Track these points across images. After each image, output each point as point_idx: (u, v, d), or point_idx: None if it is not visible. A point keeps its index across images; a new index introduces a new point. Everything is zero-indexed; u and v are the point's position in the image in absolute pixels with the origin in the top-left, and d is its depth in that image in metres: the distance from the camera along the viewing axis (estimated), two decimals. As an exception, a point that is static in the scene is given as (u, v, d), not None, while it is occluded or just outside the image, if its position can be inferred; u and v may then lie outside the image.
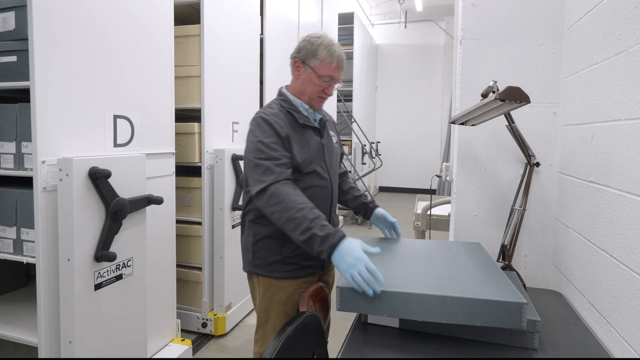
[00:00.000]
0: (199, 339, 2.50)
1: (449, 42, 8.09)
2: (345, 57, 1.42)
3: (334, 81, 1.40)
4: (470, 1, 1.73)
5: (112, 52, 1.73)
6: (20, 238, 1.53)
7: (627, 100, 1.11)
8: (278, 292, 1.40)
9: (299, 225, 1.17)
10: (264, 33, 3.09)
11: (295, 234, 1.18)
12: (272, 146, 1.28)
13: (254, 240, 1.40)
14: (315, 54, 1.36)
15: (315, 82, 1.38)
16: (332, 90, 1.42)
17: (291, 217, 1.18)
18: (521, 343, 1.06)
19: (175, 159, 2.18)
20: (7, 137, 1.51)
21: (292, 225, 1.18)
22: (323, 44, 1.36)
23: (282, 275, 1.38)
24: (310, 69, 1.37)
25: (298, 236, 1.18)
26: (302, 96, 1.43)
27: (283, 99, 1.44)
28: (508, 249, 1.57)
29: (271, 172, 1.25)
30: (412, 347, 1.07)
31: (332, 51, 1.36)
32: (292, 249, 1.37)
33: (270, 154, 1.27)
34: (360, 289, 1.05)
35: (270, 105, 1.43)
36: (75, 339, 1.49)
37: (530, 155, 1.58)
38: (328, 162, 1.45)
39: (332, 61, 1.36)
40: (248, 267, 1.44)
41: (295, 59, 1.42)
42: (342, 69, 1.40)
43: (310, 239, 1.15)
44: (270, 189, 1.22)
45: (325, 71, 1.37)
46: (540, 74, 1.67)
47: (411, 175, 8.71)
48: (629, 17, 1.12)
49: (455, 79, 1.90)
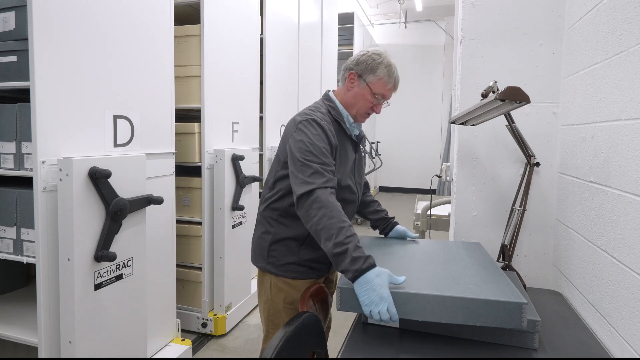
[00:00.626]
0: (199, 339, 2.50)
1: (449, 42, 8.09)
2: (399, 80, 1.41)
3: (384, 100, 1.40)
4: (470, 1, 1.73)
5: (112, 52, 1.73)
6: (20, 238, 1.53)
7: (627, 100, 1.11)
8: (291, 290, 1.39)
9: (335, 236, 1.12)
10: (264, 33, 3.09)
11: (328, 243, 1.13)
12: (324, 152, 1.25)
13: (273, 239, 1.38)
14: (375, 70, 1.35)
15: (367, 98, 1.37)
16: (380, 109, 1.41)
17: (330, 226, 1.14)
18: (521, 343, 1.06)
19: (175, 159, 2.18)
20: (7, 137, 1.51)
21: (327, 235, 1.13)
22: (384, 62, 1.36)
23: (295, 276, 1.38)
24: (366, 84, 1.36)
25: (330, 247, 1.12)
26: (350, 108, 1.41)
27: (332, 105, 1.41)
28: (508, 249, 1.57)
29: (320, 176, 1.20)
30: (412, 347, 1.07)
31: (391, 72, 1.36)
32: (309, 253, 1.37)
33: (322, 158, 1.24)
34: (379, 318, 1.04)
35: (318, 109, 1.38)
36: (75, 339, 1.49)
37: (530, 155, 1.58)
38: (357, 177, 1.46)
39: (389, 81, 1.36)
40: (261, 264, 1.42)
41: (351, 71, 1.39)
42: (396, 90, 1.41)
43: (341, 254, 1.10)
44: (317, 192, 1.18)
45: (381, 90, 1.36)
46: (540, 74, 1.67)
47: (411, 175, 8.71)
48: (629, 17, 1.12)
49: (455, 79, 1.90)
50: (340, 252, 1.10)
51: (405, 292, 1.04)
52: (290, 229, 1.37)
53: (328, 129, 1.30)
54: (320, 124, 1.29)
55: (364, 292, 1.05)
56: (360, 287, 1.06)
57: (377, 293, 1.04)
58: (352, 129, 1.43)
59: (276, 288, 1.40)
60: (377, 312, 1.03)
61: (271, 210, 1.40)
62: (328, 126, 1.31)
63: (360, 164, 1.51)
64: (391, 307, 1.03)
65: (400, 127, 8.81)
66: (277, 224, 1.39)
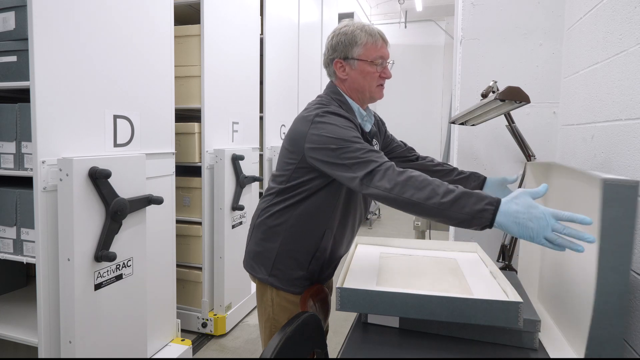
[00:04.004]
0: (199, 339, 2.50)
1: (449, 42, 8.09)
2: (382, 32, 1.25)
3: (385, 60, 1.23)
4: (470, 1, 1.73)
5: (112, 52, 1.73)
6: (20, 238, 1.53)
7: (627, 100, 1.11)
8: (294, 308, 1.25)
9: (438, 188, 0.94)
10: (264, 33, 3.09)
11: (433, 201, 0.93)
12: (357, 139, 1.09)
13: (280, 250, 1.23)
14: (355, 42, 1.20)
15: (369, 70, 1.21)
16: (389, 71, 1.24)
17: (423, 183, 0.95)
18: (521, 343, 1.06)
19: (175, 159, 2.18)
20: (7, 137, 1.51)
21: (427, 193, 0.94)
22: (356, 29, 1.21)
23: (300, 291, 1.25)
24: (357, 60, 1.21)
25: (440, 200, 0.92)
26: (359, 93, 1.25)
27: (341, 100, 1.24)
28: (508, 249, 1.57)
29: (374, 157, 1.03)
30: (412, 347, 1.07)
31: (370, 31, 1.21)
32: (318, 267, 1.26)
33: (359, 142, 1.08)
34: (567, 247, 0.85)
35: (326, 105, 1.19)
36: (75, 339, 1.49)
37: (530, 155, 1.58)
38: None
39: (375, 40, 1.20)
40: (262, 276, 1.26)
41: (335, 60, 1.24)
42: (388, 44, 1.24)
43: (459, 198, 0.91)
44: (381, 167, 1.01)
45: (375, 53, 1.20)
46: (540, 74, 1.67)
47: (411, 175, 8.70)
48: (629, 17, 1.12)
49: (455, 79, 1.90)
50: (457, 197, 0.92)
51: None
52: (302, 241, 1.23)
53: (350, 119, 1.15)
54: (341, 113, 1.14)
55: (514, 223, 0.87)
56: (506, 220, 0.88)
57: (529, 213, 0.86)
58: (365, 123, 1.28)
59: (279, 307, 1.26)
60: (550, 231, 0.85)
61: (277, 218, 1.24)
62: (347, 114, 1.16)
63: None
64: (557, 213, 0.85)
65: (400, 127, 8.78)
66: (288, 234, 1.23)
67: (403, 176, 0.98)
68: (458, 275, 1.21)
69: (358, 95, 1.25)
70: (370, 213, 5.82)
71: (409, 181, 0.97)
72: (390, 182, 0.98)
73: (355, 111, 1.25)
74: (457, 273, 1.23)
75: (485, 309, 0.98)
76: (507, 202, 0.90)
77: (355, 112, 1.25)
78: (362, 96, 1.25)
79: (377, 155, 1.04)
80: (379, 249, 1.47)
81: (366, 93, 1.25)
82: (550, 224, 0.85)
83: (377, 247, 1.48)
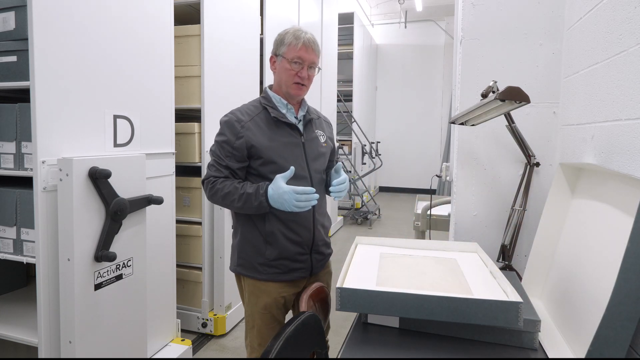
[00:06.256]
0: (199, 339, 2.50)
1: (449, 42, 8.09)
2: (316, 41, 1.42)
3: (305, 63, 1.38)
4: (470, 1, 1.73)
5: (112, 52, 1.73)
6: (20, 238, 1.53)
7: (627, 100, 1.11)
8: (262, 295, 1.40)
9: (232, 195, 1.31)
10: (264, 33, 3.09)
11: (236, 205, 1.31)
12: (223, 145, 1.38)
13: (239, 239, 1.43)
14: (283, 41, 1.39)
15: (286, 68, 1.38)
16: (305, 73, 1.39)
17: (225, 194, 1.32)
18: (521, 343, 1.06)
19: (175, 159, 2.18)
20: (7, 137, 1.51)
21: (229, 200, 1.32)
22: (289, 32, 1.39)
23: (266, 278, 1.39)
24: (282, 57, 1.39)
25: (237, 204, 1.31)
26: (280, 89, 1.43)
27: (264, 95, 1.47)
28: (508, 249, 1.57)
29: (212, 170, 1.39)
30: (412, 347, 1.07)
31: (297, 35, 1.37)
32: (276, 253, 1.38)
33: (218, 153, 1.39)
34: (305, 207, 1.26)
35: (246, 105, 1.47)
36: (75, 339, 1.49)
37: (530, 155, 1.58)
38: (310, 161, 1.43)
39: (297, 43, 1.36)
40: (233, 267, 1.47)
41: (270, 57, 1.45)
42: (312, 50, 1.39)
43: (247, 199, 1.29)
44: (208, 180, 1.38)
45: (293, 53, 1.36)
46: (540, 74, 1.67)
47: (411, 175, 8.71)
48: (629, 17, 1.12)
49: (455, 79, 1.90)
50: (246, 199, 1.29)
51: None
52: (253, 228, 1.39)
53: (236, 119, 1.39)
54: (227, 120, 1.41)
55: (276, 202, 1.27)
56: (275, 203, 1.28)
57: (279, 194, 1.26)
58: (291, 112, 1.44)
59: (249, 293, 1.43)
60: (294, 202, 1.24)
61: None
62: (238, 116, 1.39)
63: (315, 147, 1.45)
64: (296, 189, 1.25)
65: (400, 127, 8.81)
66: (238, 224, 1.44)
67: (214, 189, 1.35)
68: (458, 275, 1.21)
69: (281, 89, 1.43)
70: (370, 213, 5.82)
71: (217, 192, 1.34)
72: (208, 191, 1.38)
73: (277, 102, 1.44)
74: (457, 273, 1.23)
75: (485, 309, 0.98)
76: (270, 188, 1.29)
77: (277, 102, 1.43)
78: (282, 91, 1.43)
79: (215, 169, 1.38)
80: (379, 249, 1.47)
81: (283, 87, 1.41)
82: (292, 197, 1.24)
83: (377, 247, 1.48)
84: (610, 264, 0.97)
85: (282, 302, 1.42)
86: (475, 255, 1.42)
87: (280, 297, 1.41)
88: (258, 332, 1.42)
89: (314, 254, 1.44)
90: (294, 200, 1.24)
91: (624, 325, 0.88)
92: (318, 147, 1.47)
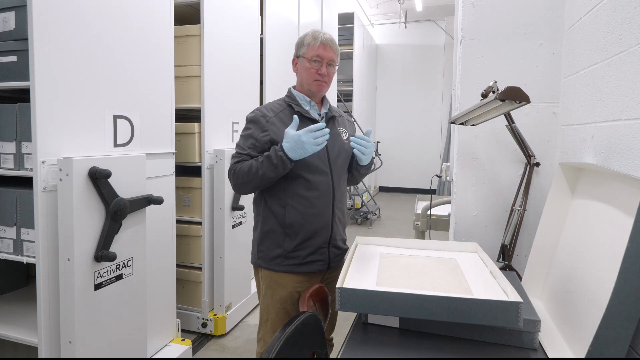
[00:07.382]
0: (199, 339, 2.50)
1: (449, 42, 8.09)
2: (334, 40, 1.48)
3: (324, 61, 1.44)
4: (470, 1, 1.73)
5: (112, 52, 1.73)
6: (20, 238, 1.53)
7: (627, 100, 1.11)
8: (279, 289, 1.42)
9: (252, 168, 1.34)
10: (264, 33, 3.09)
11: (260, 174, 1.33)
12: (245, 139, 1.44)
13: (259, 232, 1.48)
14: (303, 43, 1.46)
15: (307, 66, 1.45)
16: (325, 70, 1.45)
17: (247, 171, 1.36)
18: (521, 343, 1.06)
19: (175, 159, 2.18)
20: (7, 137, 1.51)
21: (252, 175, 1.35)
22: (309, 33, 1.46)
23: (284, 269, 1.42)
24: (302, 57, 1.47)
25: (260, 173, 1.33)
26: (302, 88, 1.50)
27: (288, 94, 1.54)
28: (508, 249, 1.57)
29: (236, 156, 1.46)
30: (412, 347, 1.07)
31: (316, 35, 1.44)
32: (294, 244, 1.41)
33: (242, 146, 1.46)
34: (323, 142, 1.31)
35: (272, 103, 1.53)
36: (75, 339, 1.49)
37: (530, 155, 1.59)
38: (332, 157, 1.46)
39: (316, 42, 1.43)
40: (253, 260, 1.51)
41: (292, 60, 1.53)
42: (330, 48, 1.45)
43: (267, 163, 1.32)
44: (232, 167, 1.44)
45: (312, 52, 1.43)
46: (540, 74, 1.67)
47: (411, 175, 8.71)
48: (629, 17, 1.12)
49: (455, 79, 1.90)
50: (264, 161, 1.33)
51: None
52: (273, 220, 1.43)
53: (261, 115, 1.44)
54: (253, 118, 1.45)
55: (295, 151, 1.30)
56: (293, 154, 1.30)
57: (295, 141, 1.29)
58: (315, 109, 1.50)
59: (266, 285, 1.47)
60: (312, 141, 1.28)
61: (257, 205, 1.51)
62: (263, 112, 1.45)
63: (337, 144, 1.49)
64: (308, 130, 1.28)
65: (400, 127, 8.81)
66: (263, 216, 1.47)
67: (236, 174, 1.41)
68: (458, 275, 1.21)
69: (303, 87, 1.50)
70: (370, 213, 5.82)
71: (239, 174, 1.39)
72: (233, 179, 1.44)
73: (300, 99, 1.50)
74: (457, 273, 1.23)
75: (485, 309, 0.98)
76: (285, 141, 1.32)
77: (300, 100, 1.50)
78: (304, 89, 1.49)
79: (236, 160, 1.44)
80: (379, 249, 1.47)
81: (305, 85, 1.48)
82: (310, 136, 1.28)
83: (377, 247, 1.48)
84: (610, 264, 0.97)
85: (297, 298, 1.43)
86: (475, 255, 1.42)
87: (296, 291, 1.42)
88: (272, 326, 1.44)
89: (331, 247, 1.47)
90: (312, 138, 1.28)
91: (624, 325, 0.88)
92: (340, 143, 1.51)
